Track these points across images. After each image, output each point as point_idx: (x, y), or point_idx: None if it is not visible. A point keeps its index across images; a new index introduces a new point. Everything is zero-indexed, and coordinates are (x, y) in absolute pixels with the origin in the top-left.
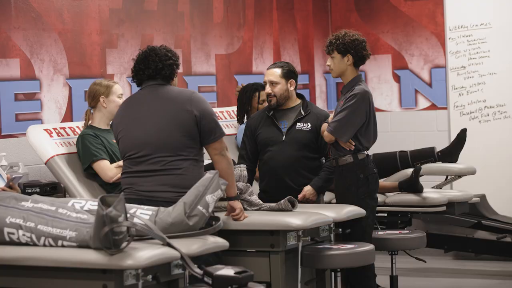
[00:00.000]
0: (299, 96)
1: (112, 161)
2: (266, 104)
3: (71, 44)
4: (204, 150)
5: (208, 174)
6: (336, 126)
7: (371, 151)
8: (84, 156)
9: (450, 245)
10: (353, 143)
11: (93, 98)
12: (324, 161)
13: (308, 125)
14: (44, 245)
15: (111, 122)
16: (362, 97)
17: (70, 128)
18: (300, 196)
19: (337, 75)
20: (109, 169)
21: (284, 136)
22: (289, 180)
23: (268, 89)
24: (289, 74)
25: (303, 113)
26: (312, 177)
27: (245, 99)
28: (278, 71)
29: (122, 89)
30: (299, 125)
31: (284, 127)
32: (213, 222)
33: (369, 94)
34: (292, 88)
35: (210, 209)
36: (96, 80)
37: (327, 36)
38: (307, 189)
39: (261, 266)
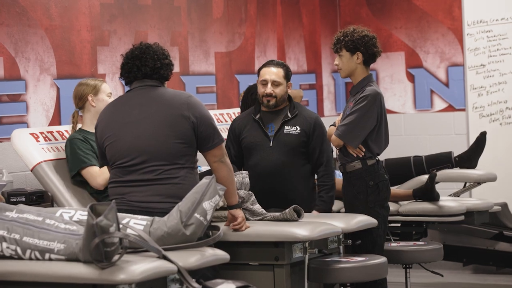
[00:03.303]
0: (287, 97)
1: None
2: None
3: (59, 41)
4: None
5: (204, 180)
6: (345, 130)
7: (383, 156)
8: (72, 162)
9: (469, 258)
10: (363, 150)
11: (81, 98)
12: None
13: (296, 128)
14: (30, 259)
15: None
16: (374, 99)
17: (58, 132)
18: None
19: (346, 75)
20: (98, 176)
21: (271, 142)
22: (276, 187)
23: (269, 88)
24: (289, 75)
25: (289, 115)
26: (300, 183)
27: (250, 102)
28: (281, 70)
29: (110, 89)
30: (287, 128)
31: (271, 131)
32: (212, 233)
33: (380, 96)
34: (289, 91)
35: (209, 217)
36: (81, 80)
37: (335, 32)
38: (315, 215)
39: (264, 280)
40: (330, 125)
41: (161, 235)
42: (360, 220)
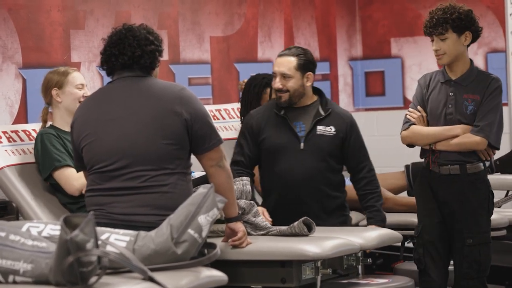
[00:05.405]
0: (316, 91)
1: None
2: None
3: (25, 24)
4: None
5: (201, 189)
6: (492, 130)
7: (408, 159)
8: (44, 161)
9: None
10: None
11: (45, 91)
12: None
13: (331, 128)
14: None
15: None
16: (502, 90)
17: (24, 131)
18: None
19: (451, 60)
20: (75, 178)
21: (302, 143)
22: (308, 200)
23: (278, 83)
24: (307, 65)
25: (322, 113)
26: (336, 194)
27: (252, 96)
28: (293, 60)
29: (83, 78)
30: (320, 128)
31: (301, 131)
32: (207, 250)
33: None
34: (309, 84)
35: (204, 234)
36: (54, 68)
37: (352, 13)
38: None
39: None
40: (410, 124)
41: (148, 253)
42: (382, 235)
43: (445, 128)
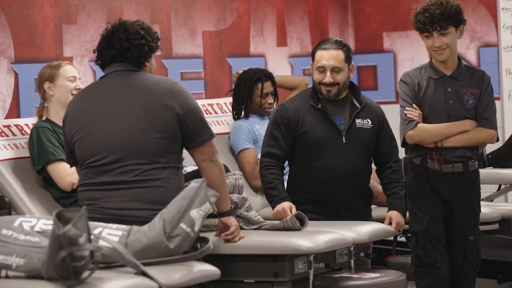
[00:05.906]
0: None
1: None
2: (269, 98)
3: (17, 18)
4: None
5: (194, 183)
6: (496, 123)
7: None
8: (38, 154)
9: (505, 274)
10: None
11: (39, 86)
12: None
13: (368, 121)
14: None
15: None
16: None
17: (16, 126)
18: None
19: (451, 55)
20: (68, 173)
21: (344, 137)
22: (349, 195)
23: (329, 77)
24: (351, 57)
25: (358, 105)
26: (367, 189)
27: (244, 91)
28: (341, 53)
29: (76, 71)
30: (358, 121)
31: (341, 125)
32: (200, 245)
33: None
34: (351, 75)
35: (197, 228)
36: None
37: (345, 7)
38: (395, 216)
39: None
40: (416, 123)
41: (140, 248)
42: (374, 229)
43: (453, 124)
